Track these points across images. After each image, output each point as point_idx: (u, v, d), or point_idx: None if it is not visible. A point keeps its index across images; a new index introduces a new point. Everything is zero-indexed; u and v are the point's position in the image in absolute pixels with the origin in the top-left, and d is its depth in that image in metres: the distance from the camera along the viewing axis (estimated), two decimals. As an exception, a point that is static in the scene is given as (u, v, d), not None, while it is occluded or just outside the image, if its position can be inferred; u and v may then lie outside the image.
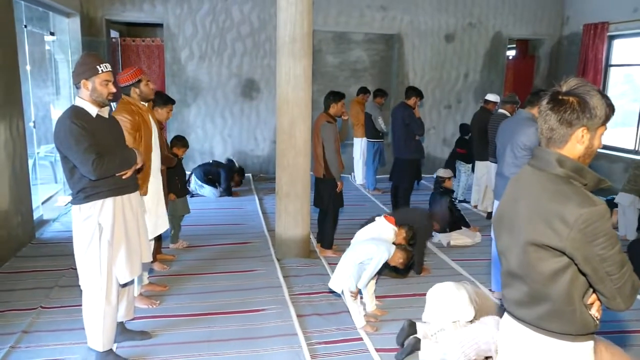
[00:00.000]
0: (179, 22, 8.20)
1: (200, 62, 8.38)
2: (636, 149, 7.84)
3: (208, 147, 8.61)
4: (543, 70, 9.67)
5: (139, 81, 3.70)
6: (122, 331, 3.37)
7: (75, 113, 2.82)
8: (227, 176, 7.45)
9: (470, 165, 7.04)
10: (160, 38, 8.53)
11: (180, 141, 5.11)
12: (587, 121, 1.57)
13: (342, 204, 5.10)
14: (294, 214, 4.87)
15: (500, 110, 5.91)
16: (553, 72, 9.54)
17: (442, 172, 5.86)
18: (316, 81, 8.84)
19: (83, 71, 2.83)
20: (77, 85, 2.87)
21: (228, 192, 7.40)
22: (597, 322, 1.65)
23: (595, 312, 1.64)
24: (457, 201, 6.75)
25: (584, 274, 1.57)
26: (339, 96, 4.93)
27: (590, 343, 1.68)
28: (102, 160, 2.77)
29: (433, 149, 9.31)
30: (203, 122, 8.50)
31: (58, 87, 7.37)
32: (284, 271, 4.64)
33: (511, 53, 10.66)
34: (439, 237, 5.61)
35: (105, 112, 2.96)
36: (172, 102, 4.40)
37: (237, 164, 8.07)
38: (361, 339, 3.53)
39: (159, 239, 4.77)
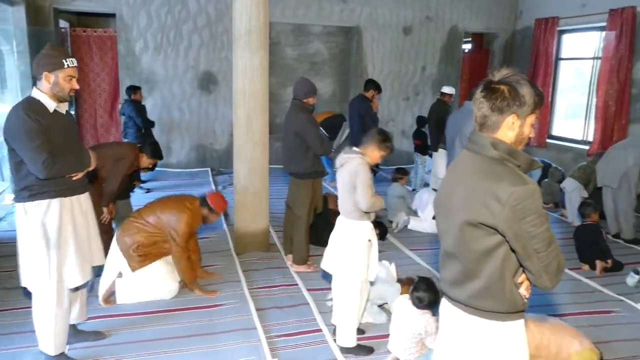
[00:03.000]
0: (132, 13, 7.96)
1: (155, 54, 8.17)
2: (584, 139, 8.15)
3: (165, 141, 8.41)
4: (497, 64, 9.90)
5: (216, 212, 4.09)
6: (75, 333, 3.26)
7: (30, 105, 2.67)
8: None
9: (426, 157, 7.16)
10: (113, 29, 8.27)
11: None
12: (516, 108, 1.64)
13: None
14: (252, 207, 4.83)
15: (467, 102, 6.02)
16: (507, 65, 9.73)
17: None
18: (274, 74, 8.78)
19: (46, 63, 2.70)
20: (37, 77, 2.72)
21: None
22: (526, 300, 1.73)
23: (524, 290, 1.71)
24: (414, 192, 6.85)
25: (514, 252, 1.64)
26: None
27: (521, 322, 1.75)
28: (54, 160, 2.64)
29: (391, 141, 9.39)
30: (159, 116, 8.30)
31: (4, 80, 7.03)
32: (243, 265, 4.60)
33: (467, 46, 10.88)
34: (402, 219, 5.69)
35: (63, 108, 2.82)
36: (160, 157, 4.74)
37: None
38: (320, 330, 3.54)
39: (111, 237, 4.64)
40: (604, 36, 7.53)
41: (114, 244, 3.93)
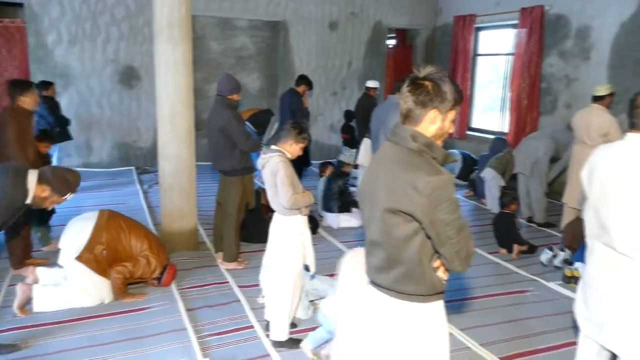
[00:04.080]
0: (42, 2, 7.45)
1: (70, 47, 7.70)
2: (501, 130, 8.64)
3: (84, 139, 7.99)
4: (420, 59, 10.25)
5: (158, 282, 4.06)
6: (-14, 347, 3.04)
7: (22, 190, 2.75)
8: None
9: (354, 150, 7.30)
10: (22, 19, 7.70)
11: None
12: (438, 104, 1.75)
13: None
14: (179, 206, 4.70)
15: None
16: (429, 60, 10.16)
17: (345, 158, 6.03)
18: (200, 68, 8.57)
19: (59, 184, 2.86)
20: (42, 177, 2.84)
21: None
22: (444, 282, 1.86)
23: (441, 274, 1.83)
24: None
25: (430, 238, 1.75)
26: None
27: (440, 302, 1.88)
28: None
29: (320, 135, 9.48)
30: (77, 113, 7.84)
31: None
32: (171, 266, 4.48)
33: (391, 42, 11.17)
34: (328, 221, 5.77)
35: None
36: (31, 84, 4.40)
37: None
38: (252, 326, 3.53)
39: (27, 243, 4.37)
40: (516, 33, 8.01)
41: (87, 223, 3.85)
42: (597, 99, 5.13)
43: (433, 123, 1.76)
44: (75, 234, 3.80)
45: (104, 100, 8.06)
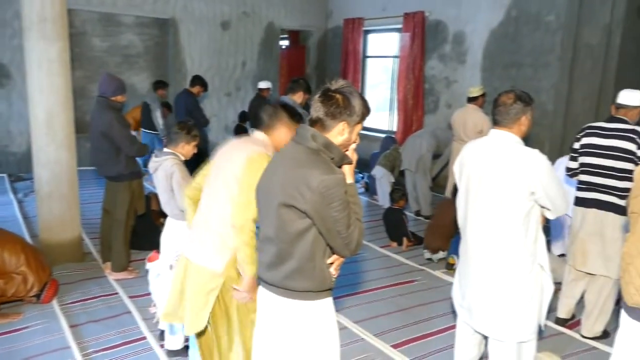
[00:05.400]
0: None
1: None
2: (390, 129, 9.09)
3: (-56, 144, 7.12)
4: (313, 60, 10.45)
5: (36, 300, 3.76)
6: None
7: None
8: None
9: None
10: None
11: None
12: (347, 117, 1.83)
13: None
14: (60, 215, 4.36)
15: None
16: (322, 61, 10.39)
17: None
18: (81, 67, 8.03)
19: None
20: None
21: None
22: (333, 279, 1.93)
23: (333, 270, 1.91)
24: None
25: (321, 234, 1.82)
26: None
27: (329, 299, 1.95)
28: None
29: (215, 136, 9.28)
30: None
31: None
32: (52, 280, 4.14)
33: (285, 43, 11.26)
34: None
35: None
36: None
37: None
38: (145, 337, 3.38)
39: None
40: (401, 37, 8.46)
41: None
42: (471, 99, 5.59)
43: (341, 135, 1.84)
44: None
45: (-33, 101, 7.23)
